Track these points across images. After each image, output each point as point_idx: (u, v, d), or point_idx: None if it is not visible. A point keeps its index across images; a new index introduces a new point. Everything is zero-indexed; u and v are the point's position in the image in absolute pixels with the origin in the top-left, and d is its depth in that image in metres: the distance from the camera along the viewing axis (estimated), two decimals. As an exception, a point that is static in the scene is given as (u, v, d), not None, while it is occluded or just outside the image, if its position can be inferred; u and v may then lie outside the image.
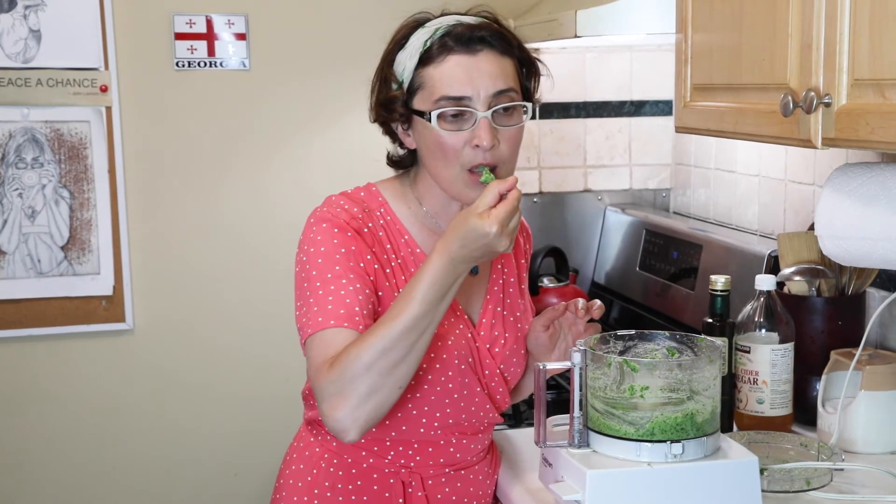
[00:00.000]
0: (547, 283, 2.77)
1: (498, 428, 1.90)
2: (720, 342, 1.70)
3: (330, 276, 1.56)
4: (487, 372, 1.70)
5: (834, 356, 1.92)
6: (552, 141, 2.97)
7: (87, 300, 2.72)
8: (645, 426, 1.49)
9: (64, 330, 2.73)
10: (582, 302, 1.70)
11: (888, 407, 1.84)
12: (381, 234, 1.65)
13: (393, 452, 1.67)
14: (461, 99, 1.55)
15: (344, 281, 1.55)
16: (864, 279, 2.01)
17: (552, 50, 2.84)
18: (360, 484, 1.67)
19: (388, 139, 1.71)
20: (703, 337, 1.59)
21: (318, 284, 1.56)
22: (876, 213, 1.57)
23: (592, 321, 1.72)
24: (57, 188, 2.68)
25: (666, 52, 2.83)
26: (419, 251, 1.66)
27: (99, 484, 2.82)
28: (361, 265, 1.58)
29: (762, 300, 1.93)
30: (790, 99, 1.49)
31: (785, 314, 1.93)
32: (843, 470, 1.74)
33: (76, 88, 2.65)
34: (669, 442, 1.48)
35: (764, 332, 1.92)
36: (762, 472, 1.62)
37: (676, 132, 2.00)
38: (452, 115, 1.56)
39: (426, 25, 1.61)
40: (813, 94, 1.45)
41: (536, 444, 1.57)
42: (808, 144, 1.50)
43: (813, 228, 1.70)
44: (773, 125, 1.58)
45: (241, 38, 2.74)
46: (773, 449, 1.82)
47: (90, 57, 2.65)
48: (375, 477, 1.67)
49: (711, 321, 1.95)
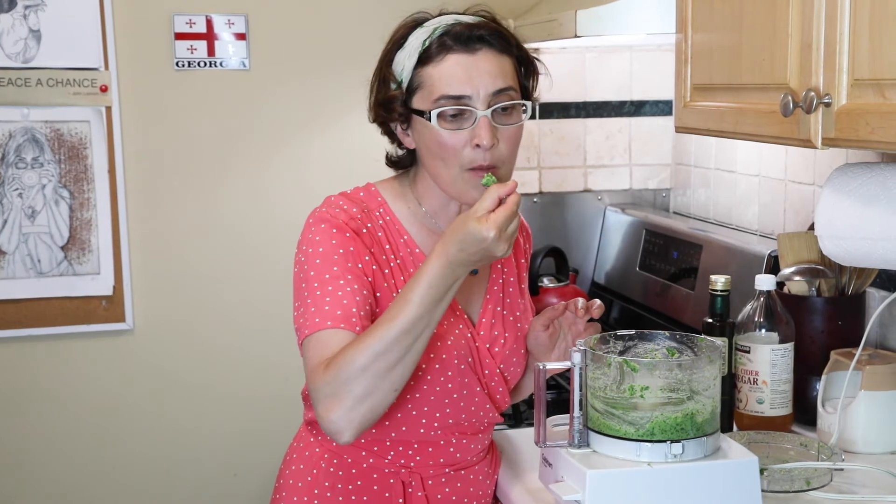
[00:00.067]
0: (547, 283, 2.77)
1: (498, 428, 1.90)
2: (720, 342, 1.70)
3: (328, 276, 1.55)
4: (487, 372, 1.70)
5: (834, 356, 1.92)
6: (552, 141, 2.97)
7: (87, 300, 2.72)
8: (645, 426, 1.49)
9: (64, 330, 2.73)
10: (582, 301, 1.70)
11: (888, 407, 1.84)
12: (380, 234, 1.64)
13: (393, 452, 1.67)
14: (461, 98, 1.55)
15: (341, 282, 1.55)
16: (864, 279, 2.01)
17: (552, 50, 2.84)
18: (360, 484, 1.67)
19: (387, 139, 1.71)
20: (703, 337, 1.59)
21: (315, 285, 1.56)
22: (876, 213, 1.57)
23: (592, 321, 1.72)
24: (57, 188, 2.68)
25: (666, 52, 2.83)
26: (418, 251, 1.66)
27: (99, 484, 2.82)
28: (359, 266, 1.58)
29: (762, 300, 1.93)
30: (790, 99, 1.49)
31: (785, 314, 1.93)
32: (843, 470, 1.74)
33: (76, 88, 2.65)
34: (669, 442, 1.48)
35: (764, 332, 1.92)
36: (762, 472, 1.62)
37: (676, 132, 2.00)
38: (452, 114, 1.56)
39: (424, 25, 1.60)
40: (813, 94, 1.44)
41: (536, 444, 1.57)
42: (808, 144, 1.50)
43: (813, 228, 1.70)
44: (773, 125, 1.58)
45: (241, 38, 2.74)
46: (773, 449, 1.82)
47: (90, 57, 2.65)
48: (375, 477, 1.67)
49: (711, 321, 1.95)
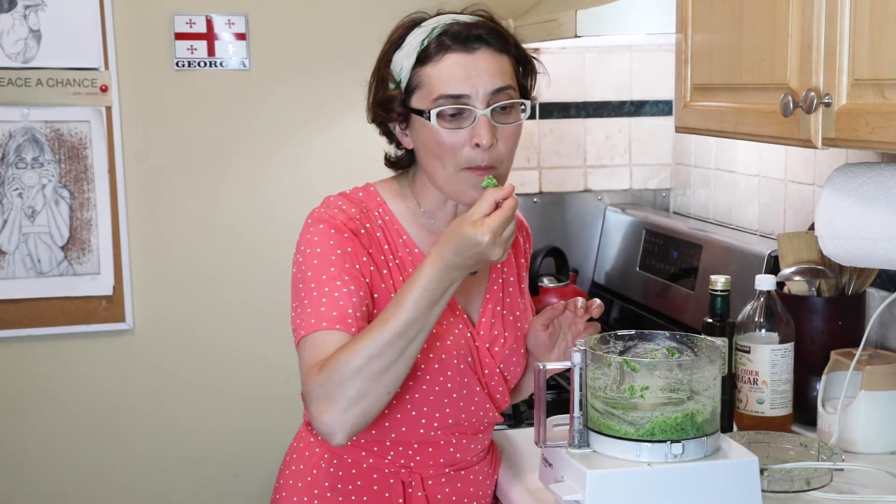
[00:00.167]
0: (547, 283, 2.77)
1: (498, 428, 1.90)
2: (720, 342, 1.70)
3: (325, 277, 1.55)
4: (487, 371, 1.70)
5: (834, 356, 1.92)
6: (552, 141, 2.97)
7: (87, 300, 2.72)
8: (645, 426, 1.48)
9: (64, 330, 2.73)
10: (581, 301, 1.70)
11: (888, 407, 1.84)
12: (378, 234, 1.64)
13: (393, 452, 1.67)
14: (460, 97, 1.55)
15: (338, 283, 1.55)
16: (864, 279, 2.01)
17: (552, 50, 2.84)
18: (360, 484, 1.67)
19: (385, 139, 1.71)
20: (703, 337, 1.59)
21: (312, 286, 1.55)
22: (876, 213, 1.56)
23: (592, 320, 1.71)
24: (57, 188, 2.68)
25: (666, 52, 2.82)
26: (417, 251, 1.66)
27: (99, 484, 2.82)
28: (357, 267, 1.58)
29: (762, 300, 1.92)
30: (790, 99, 1.49)
31: (785, 314, 1.93)
32: (843, 470, 1.74)
33: (76, 88, 2.65)
34: (669, 442, 1.48)
35: (764, 332, 1.92)
36: (762, 472, 1.62)
37: (676, 132, 1.99)
38: (451, 113, 1.56)
39: (423, 25, 1.60)
40: (813, 94, 1.44)
41: (536, 444, 1.57)
42: (808, 144, 1.50)
43: (813, 228, 1.70)
44: (773, 125, 1.58)
45: (241, 38, 2.74)
46: (773, 449, 1.82)
47: (90, 57, 2.65)
48: (375, 477, 1.67)
49: (711, 321, 1.95)
